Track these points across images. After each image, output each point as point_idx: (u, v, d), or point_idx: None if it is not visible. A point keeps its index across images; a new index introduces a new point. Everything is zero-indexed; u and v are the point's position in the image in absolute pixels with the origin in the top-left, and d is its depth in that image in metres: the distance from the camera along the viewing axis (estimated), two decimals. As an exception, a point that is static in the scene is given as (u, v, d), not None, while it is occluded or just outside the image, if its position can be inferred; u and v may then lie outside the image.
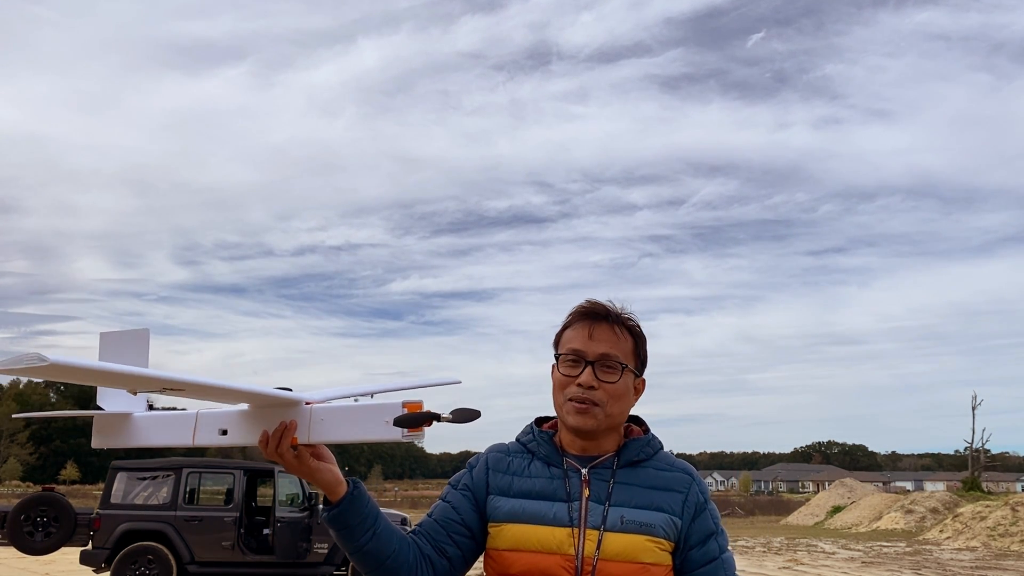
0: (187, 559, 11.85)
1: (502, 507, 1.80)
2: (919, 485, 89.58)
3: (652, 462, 1.85)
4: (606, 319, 1.83)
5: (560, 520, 1.75)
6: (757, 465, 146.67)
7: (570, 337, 1.84)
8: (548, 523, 1.75)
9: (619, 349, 1.82)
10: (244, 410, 1.72)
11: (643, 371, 1.89)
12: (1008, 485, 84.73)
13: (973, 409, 44.90)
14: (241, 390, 1.58)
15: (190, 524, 12.01)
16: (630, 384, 1.84)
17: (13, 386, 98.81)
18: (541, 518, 1.76)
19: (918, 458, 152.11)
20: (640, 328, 1.88)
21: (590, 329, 1.82)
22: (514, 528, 1.77)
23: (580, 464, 1.81)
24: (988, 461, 53.76)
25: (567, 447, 1.85)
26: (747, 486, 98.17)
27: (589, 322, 1.83)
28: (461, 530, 1.82)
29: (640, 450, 1.85)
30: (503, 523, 1.79)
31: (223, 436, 1.73)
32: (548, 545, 1.73)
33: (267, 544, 12.42)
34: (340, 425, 1.65)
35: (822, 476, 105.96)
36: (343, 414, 1.66)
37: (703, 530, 1.81)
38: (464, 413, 1.62)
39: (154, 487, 12.31)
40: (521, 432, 1.95)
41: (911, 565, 18.91)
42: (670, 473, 1.84)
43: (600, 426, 1.80)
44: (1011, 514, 26.24)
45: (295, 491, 13.01)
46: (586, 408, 1.78)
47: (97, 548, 11.76)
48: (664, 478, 1.83)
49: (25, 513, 11.92)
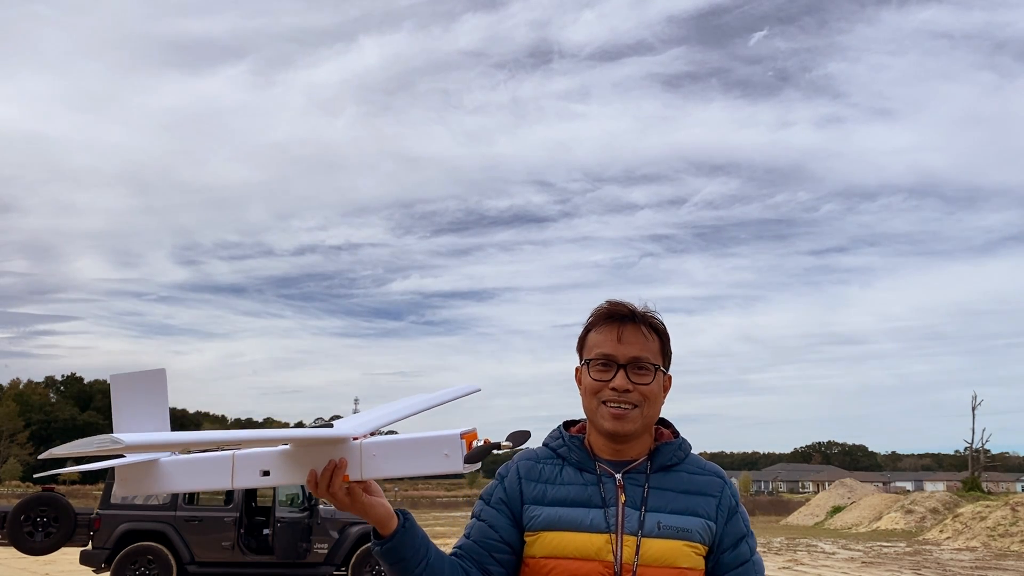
0: (187, 559, 11.85)
1: (539, 516, 1.79)
2: (919, 485, 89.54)
3: (684, 465, 1.86)
4: (632, 320, 1.84)
5: (597, 526, 1.75)
6: (757, 465, 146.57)
7: (598, 340, 1.84)
8: (585, 530, 1.75)
9: (648, 350, 1.83)
10: (286, 450, 1.68)
11: (669, 367, 1.91)
12: (1008, 485, 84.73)
13: (973, 409, 44.96)
14: (294, 437, 1.64)
15: (190, 524, 12.01)
16: (661, 384, 1.86)
17: (13, 386, 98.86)
18: (578, 525, 1.76)
19: (918, 458, 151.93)
20: (664, 325, 1.90)
21: (619, 332, 1.82)
22: (551, 536, 1.77)
23: (614, 469, 1.82)
24: (988, 461, 53.77)
25: (599, 452, 1.85)
26: (747, 486, 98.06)
27: (616, 324, 1.83)
28: (502, 547, 1.81)
29: (672, 454, 1.86)
30: (540, 531, 1.78)
31: (265, 477, 1.70)
32: (586, 552, 1.73)
33: (267, 544, 12.42)
34: (394, 460, 1.64)
35: (822, 476, 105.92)
36: (396, 449, 1.65)
37: (735, 533, 1.83)
38: (519, 436, 1.66)
39: (154, 487, 12.31)
40: (549, 437, 1.94)
41: (911, 565, 18.91)
42: (703, 477, 1.86)
43: (638, 429, 1.81)
44: (1011, 514, 26.23)
45: (295, 491, 13.01)
46: (624, 412, 1.79)
47: (97, 548, 11.76)
48: (697, 482, 1.84)
49: (25, 513, 11.93)
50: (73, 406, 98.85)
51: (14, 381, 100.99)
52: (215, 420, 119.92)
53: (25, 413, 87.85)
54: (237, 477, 1.71)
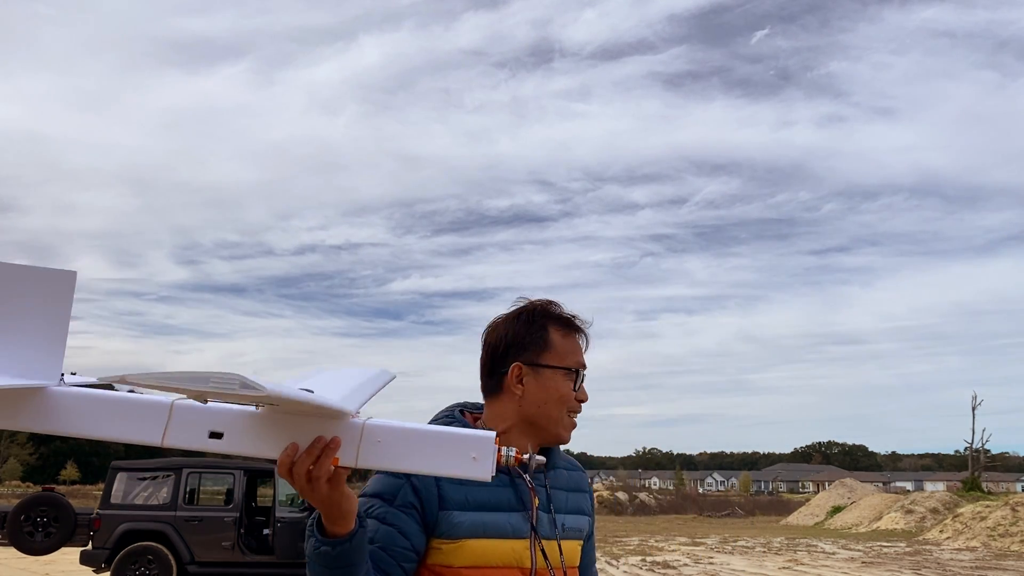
0: (187, 559, 11.85)
1: (463, 522, 1.61)
2: (919, 485, 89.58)
3: (559, 462, 1.82)
4: (583, 332, 1.79)
5: (520, 532, 1.65)
6: (757, 465, 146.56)
7: (570, 348, 1.75)
8: (509, 536, 1.64)
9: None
10: (256, 414, 1.29)
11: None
12: (1008, 485, 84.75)
13: (973, 409, 44.90)
14: (290, 398, 1.16)
15: (190, 524, 12.01)
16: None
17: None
18: (503, 531, 1.64)
19: (918, 458, 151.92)
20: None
21: (581, 341, 1.78)
22: (476, 544, 1.61)
23: (522, 469, 1.62)
24: (988, 461, 53.74)
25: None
26: (747, 486, 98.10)
27: (577, 333, 1.78)
28: (410, 555, 1.60)
29: (560, 453, 1.83)
30: (463, 539, 1.61)
31: (214, 440, 1.28)
32: (509, 559, 1.63)
33: (267, 544, 12.41)
34: (404, 452, 1.31)
35: (822, 476, 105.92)
36: (412, 439, 1.31)
37: (592, 521, 1.87)
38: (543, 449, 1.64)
39: (154, 487, 12.31)
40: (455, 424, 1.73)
41: (911, 565, 18.91)
42: (577, 473, 1.86)
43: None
44: (1011, 514, 26.24)
45: (295, 491, 13.01)
46: (575, 423, 1.76)
47: (97, 548, 11.76)
48: (575, 479, 1.84)
49: (25, 513, 11.94)
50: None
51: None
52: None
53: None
54: (170, 434, 1.26)
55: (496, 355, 1.75)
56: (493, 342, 1.76)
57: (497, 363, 1.75)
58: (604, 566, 17.82)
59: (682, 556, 20.27)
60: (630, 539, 26.48)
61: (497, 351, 1.75)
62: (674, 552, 21.51)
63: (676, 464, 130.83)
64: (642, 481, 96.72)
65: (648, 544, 24.24)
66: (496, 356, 1.75)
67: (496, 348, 1.75)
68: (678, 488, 74.10)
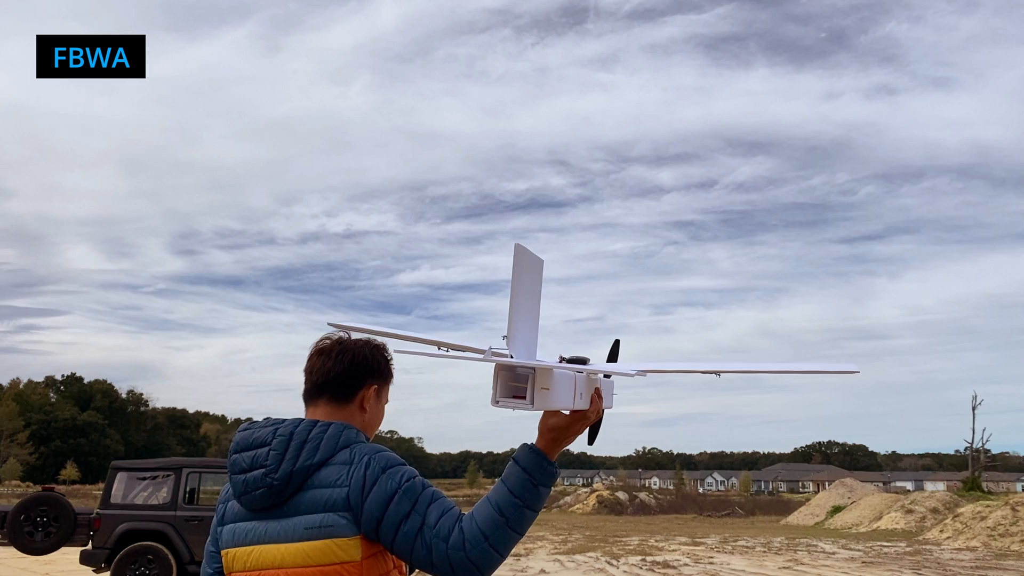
0: (187, 559, 11.84)
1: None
2: (919, 485, 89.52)
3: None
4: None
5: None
6: (757, 465, 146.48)
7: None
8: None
9: None
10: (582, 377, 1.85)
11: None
12: (1008, 485, 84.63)
13: (973, 409, 44.85)
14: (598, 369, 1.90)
15: (190, 524, 12.00)
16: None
17: (13, 385, 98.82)
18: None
19: (918, 458, 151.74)
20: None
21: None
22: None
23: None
24: (988, 461, 53.69)
25: None
26: (747, 486, 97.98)
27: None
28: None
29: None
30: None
31: (580, 400, 1.80)
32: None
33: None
34: (609, 393, 2.00)
35: (822, 476, 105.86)
36: (606, 386, 1.97)
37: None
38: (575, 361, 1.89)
39: (154, 487, 12.30)
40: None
41: (911, 565, 18.90)
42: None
43: None
44: (1011, 514, 26.23)
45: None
46: None
47: (97, 548, 11.75)
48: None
49: (25, 513, 11.93)
50: (73, 406, 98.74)
51: (14, 381, 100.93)
52: (214, 420, 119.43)
53: (25, 413, 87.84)
54: (578, 399, 1.79)
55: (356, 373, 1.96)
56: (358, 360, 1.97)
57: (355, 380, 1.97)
58: (604, 566, 17.81)
59: (682, 556, 20.25)
60: (630, 539, 26.46)
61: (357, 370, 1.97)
62: (674, 552, 21.49)
63: (676, 464, 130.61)
64: (642, 481, 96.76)
65: (648, 544, 24.22)
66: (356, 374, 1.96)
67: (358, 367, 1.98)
68: (678, 488, 74.12)
